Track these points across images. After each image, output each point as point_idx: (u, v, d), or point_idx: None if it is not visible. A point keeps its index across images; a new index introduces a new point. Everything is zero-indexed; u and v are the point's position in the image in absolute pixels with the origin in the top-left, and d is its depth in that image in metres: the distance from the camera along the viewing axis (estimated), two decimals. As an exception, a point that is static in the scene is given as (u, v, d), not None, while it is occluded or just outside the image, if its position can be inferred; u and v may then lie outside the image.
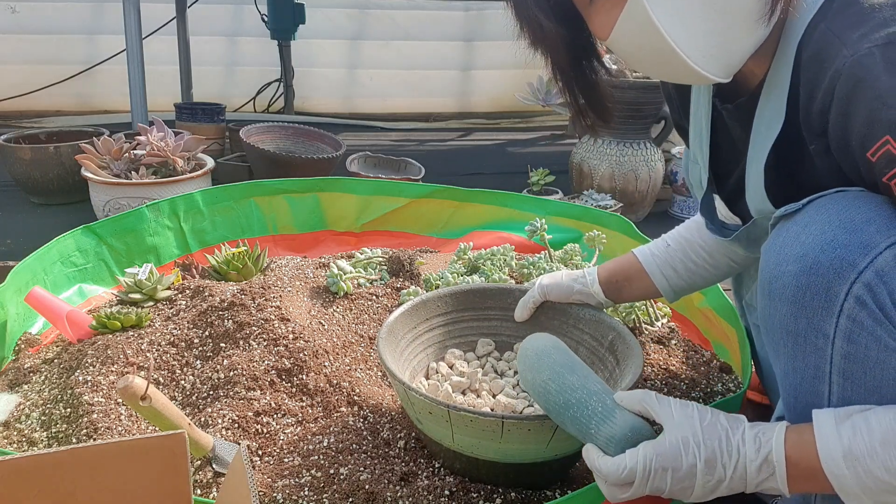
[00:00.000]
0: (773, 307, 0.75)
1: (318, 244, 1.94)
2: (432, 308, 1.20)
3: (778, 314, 0.75)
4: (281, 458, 1.07)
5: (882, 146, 0.68)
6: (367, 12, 3.90)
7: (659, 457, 0.75)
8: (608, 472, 0.77)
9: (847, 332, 0.70)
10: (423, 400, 0.94)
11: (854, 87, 0.70)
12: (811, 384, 0.74)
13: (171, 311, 1.42)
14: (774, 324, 0.76)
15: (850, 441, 0.69)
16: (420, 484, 0.99)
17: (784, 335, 0.75)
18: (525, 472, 0.99)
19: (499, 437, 0.92)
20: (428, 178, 2.37)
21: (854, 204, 0.72)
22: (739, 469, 0.74)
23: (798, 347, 0.73)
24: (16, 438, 1.12)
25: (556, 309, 1.18)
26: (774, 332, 0.77)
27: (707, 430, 0.76)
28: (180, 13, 3.24)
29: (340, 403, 1.18)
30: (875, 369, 0.70)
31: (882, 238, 0.69)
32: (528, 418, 0.91)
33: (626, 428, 0.79)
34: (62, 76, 3.60)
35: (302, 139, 2.61)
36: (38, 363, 1.32)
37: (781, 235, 0.76)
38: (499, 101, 4.12)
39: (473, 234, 1.91)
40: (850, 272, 0.69)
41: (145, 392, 0.90)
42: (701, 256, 1.11)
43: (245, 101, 3.88)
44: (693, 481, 0.75)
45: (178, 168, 2.08)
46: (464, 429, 0.93)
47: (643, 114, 2.26)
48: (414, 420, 1.02)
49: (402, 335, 1.14)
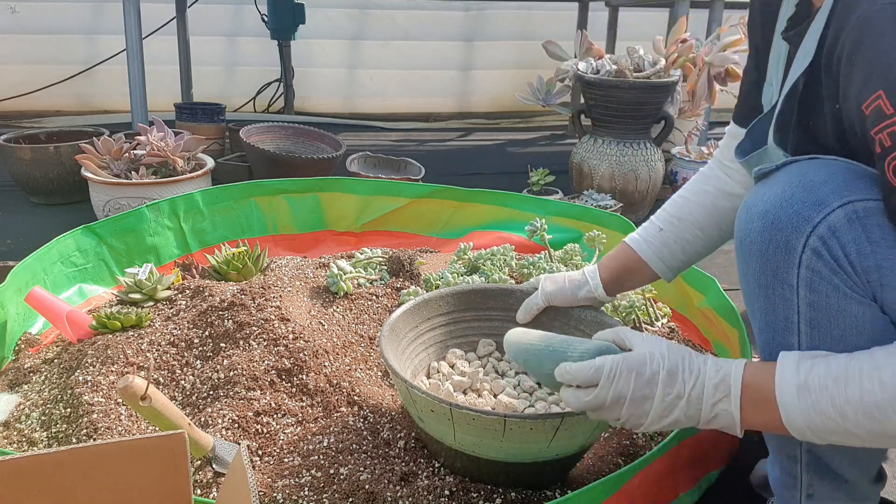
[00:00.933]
0: (745, 264, 0.81)
1: (318, 244, 1.95)
2: (434, 307, 1.20)
3: (750, 270, 0.80)
4: (281, 458, 1.07)
5: (875, 100, 0.70)
6: (367, 12, 3.90)
7: (626, 360, 0.81)
8: (577, 371, 0.83)
9: (808, 282, 0.75)
10: (426, 398, 0.94)
11: (860, 39, 0.72)
12: (783, 336, 0.79)
13: (171, 311, 1.42)
14: (749, 280, 0.81)
15: (806, 375, 0.74)
16: (420, 484, 0.99)
17: (756, 289, 0.80)
18: (526, 471, 0.99)
19: (500, 436, 0.92)
20: (428, 178, 2.37)
21: (816, 167, 0.78)
22: (698, 387, 0.80)
23: (769, 300, 0.79)
24: (16, 438, 1.12)
25: (558, 310, 1.18)
26: (750, 289, 0.82)
27: (673, 348, 0.83)
28: (180, 13, 3.24)
29: (340, 403, 1.18)
30: (838, 317, 0.75)
31: (835, 198, 0.74)
32: (531, 417, 0.91)
33: (601, 346, 0.87)
34: (62, 76, 3.60)
35: (302, 139, 2.61)
36: (38, 363, 1.32)
37: (751, 196, 0.81)
38: (499, 101, 4.12)
39: (473, 234, 1.91)
40: (805, 226, 0.74)
41: (145, 392, 0.90)
42: (693, 234, 1.11)
43: (245, 101, 3.88)
44: (654, 390, 0.80)
45: (178, 168, 2.08)
46: (465, 427, 0.93)
47: (643, 114, 2.26)
48: (415, 418, 1.02)
49: (404, 334, 1.14)
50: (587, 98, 2.33)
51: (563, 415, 0.90)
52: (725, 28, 2.57)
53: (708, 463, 1.09)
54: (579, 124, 2.42)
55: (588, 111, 2.36)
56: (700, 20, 2.89)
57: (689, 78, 2.45)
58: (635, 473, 0.96)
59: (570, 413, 0.89)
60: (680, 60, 2.44)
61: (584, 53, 2.69)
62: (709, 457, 1.10)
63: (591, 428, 0.95)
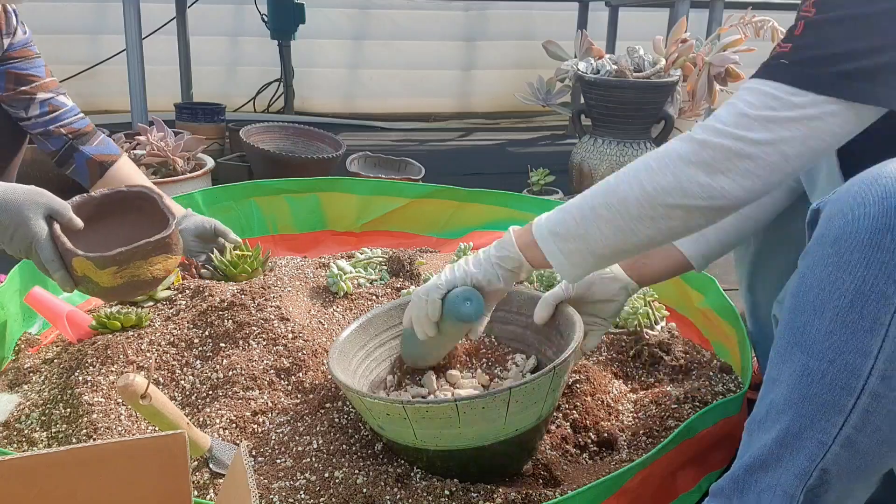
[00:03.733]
0: (838, 256, 0.71)
1: (318, 244, 1.94)
2: (380, 324, 1.21)
3: (844, 262, 0.70)
4: (274, 458, 1.07)
5: None
6: (366, 12, 3.91)
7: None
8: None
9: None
10: (378, 402, 0.95)
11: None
12: (862, 338, 0.69)
13: (171, 311, 1.42)
14: (836, 275, 0.71)
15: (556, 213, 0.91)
16: (418, 485, 0.99)
17: (847, 284, 0.70)
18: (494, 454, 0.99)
19: (457, 423, 0.93)
20: (428, 178, 2.37)
21: None
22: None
23: (859, 297, 0.69)
24: (16, 438, 1.12)
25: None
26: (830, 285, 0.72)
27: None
28: (180, 13, 3.24)
29: (326, 399, 1.18)
30: None
31: None
32: (479, 396, 0.93)
33: None
34: (62, 76, 3.59)
35: (302, 139, 2.61)
36: (38, 363, 1.32)
37: (856, 183, 0.72)
38: (499, 101, 4.12)
39: (473, 234, 1.91)
40: None
41: (145, 391, 0.90)
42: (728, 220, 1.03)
43: (245, 101, 3.88)
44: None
45: (177, 168, 2.08)
46: (422, 422, 0.94)
47: (643, 114, 2.26)
48: (376, 428, 1.03)
49: (353, 354, 1.15)
50: (587, 98, 2.33)
51: (509, 388, 0.92)
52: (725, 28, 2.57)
53: (708, 463, 1.09)
54: (579, 124, 2.42)
55: (588, 111, 2.36)
56: (700, 20, 2.89)
57: (689, 78, 2.45)
58: (635, 473, 0.96)
59: (516, 384, 0.92)
60: (680, 60, 2.44)
61: (584, 53, 2.69)
62: (709, 457, 1.10)
63: (542, 397, 0.96)
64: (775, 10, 3.25)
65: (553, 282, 1.46)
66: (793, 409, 0.74)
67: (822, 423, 0.72)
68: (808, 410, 0.73)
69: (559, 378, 0.99)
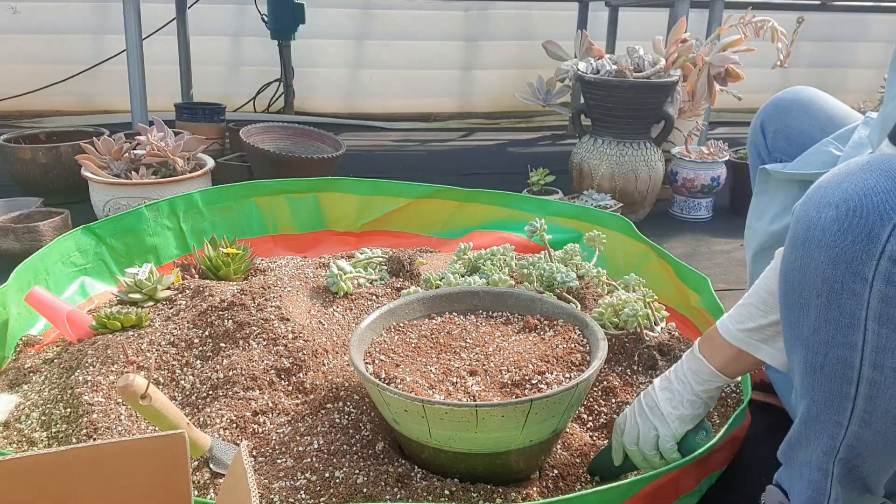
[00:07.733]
0: (807, 257, 0.75)
1: (318, 244, 1.95)
2: (402, 314, 1.20)
3: (814, 263, 0.74)
4: (274, 458, 1.07)
5: None
6: (367, 12, 3.90)
7: None
8: None
9: (887, 274, 0.70)
10: (398, 398, 0.94)
11: None
12: (845, 333, 0.74)
13: (171, 311, 1.42)
14: (808, 275, 0.75)
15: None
16: (418, 485, 0.99)
17: (820, 284, 0.74)
18: (504, 461, 0.99)
19: (474, 427, 0.93)
20: (428, 178, 2.37)
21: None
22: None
23: (834, 295, 0.73)
24: (16, 438, 1.12)
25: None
26: (807, 285, 0.76)
27: None
28: (180, 13, 3.24)
29: (328, 400, 1.18)
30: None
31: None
32: (501, 404, 0.92)
33: None
34: (63, 76, 3.60)
35: (302, 139, 2.61)
36: (38, 363, 1.32)
37: (822, 186, 0.76)
38: (499, 101, 4.12)
39: (473, 234, 1.91)
40: (893, 214, 0.69)
41: (145, 391, 0.90)
42: None
43: (245, 101, 3.88)
44: None
45: (178, 168, 2.08)
46: (440, 423, 0.93)
47: (643, 114, 2.26)
48: (390, 422, 1.03)
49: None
50: (587, 98, 2.33)
51: (531, 399, 0.91)
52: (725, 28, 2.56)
53: (708, 464, 1.09)
54: (579, 124, 2.42)
55: (588, 111, 2.36)
56: (700, 20, 2.88)
57: (689, 78, 2.44)
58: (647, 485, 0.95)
59: (539, 397, 0.92)
60: (680, 60, 2.44)
61: (584, 53, 2.69)
62: (709, 458, 1.09)
63: (561, 411, 0.97)
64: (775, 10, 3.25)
65: (553, 281, 1.46)
66: (808, 395, 0.80)
67: (834, 408, 0.77)
68: (818, 397, 0.78)
69: (581, 394, 0.99)
